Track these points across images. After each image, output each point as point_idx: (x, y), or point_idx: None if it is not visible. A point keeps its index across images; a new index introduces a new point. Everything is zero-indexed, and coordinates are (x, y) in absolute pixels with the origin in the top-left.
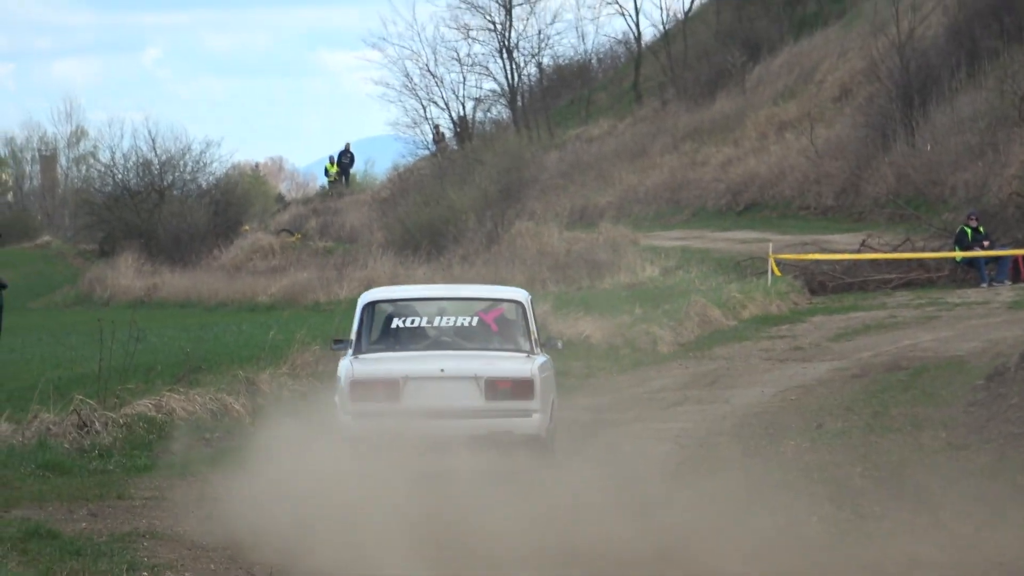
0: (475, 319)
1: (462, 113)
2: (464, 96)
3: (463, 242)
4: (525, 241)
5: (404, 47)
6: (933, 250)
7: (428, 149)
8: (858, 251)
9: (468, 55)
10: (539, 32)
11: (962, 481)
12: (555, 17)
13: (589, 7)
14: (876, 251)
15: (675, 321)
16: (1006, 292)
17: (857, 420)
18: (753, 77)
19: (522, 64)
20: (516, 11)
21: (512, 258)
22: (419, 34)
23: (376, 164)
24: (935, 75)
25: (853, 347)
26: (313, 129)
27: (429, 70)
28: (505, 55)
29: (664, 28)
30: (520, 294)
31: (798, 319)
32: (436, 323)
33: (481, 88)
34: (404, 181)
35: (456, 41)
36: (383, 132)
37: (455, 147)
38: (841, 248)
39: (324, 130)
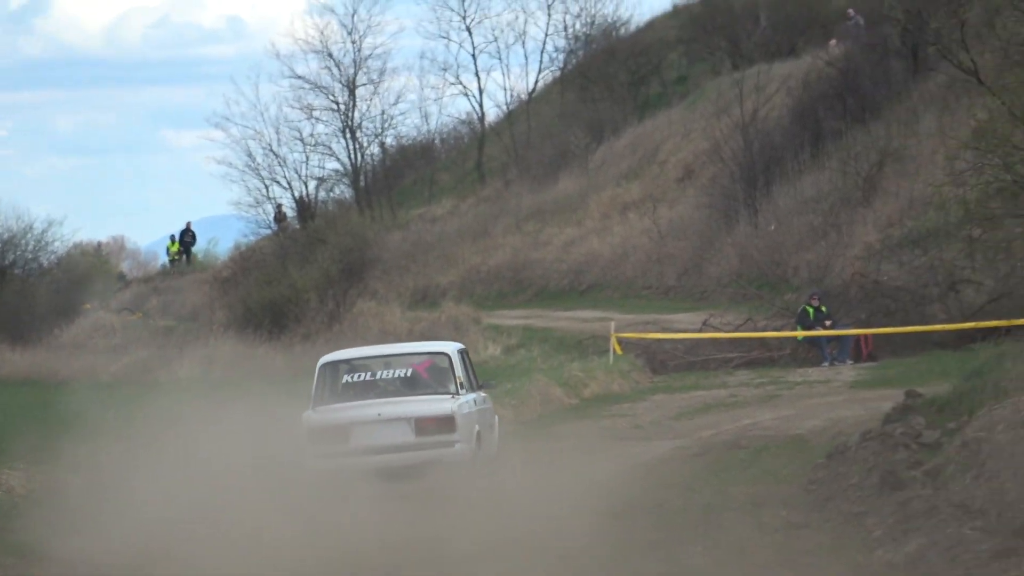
0: (410, 370)
1: (305, 193)
2: (307, 176)
3: (305, 321)
4: (367, 321)
5: (247, 127)
6: (775, 329)
7: (270, 228)
8: (700, 330)
9: (311, 135)
10: (382, 112)
11: (802, 560)
12: (398, 97)
13: (433, 87)
14: (718, 330)
15: (516, 400)
16: (847, 371)
17: (698, 499)
18: (596, 158)
19: (365, 144)
20: (359, 91)
21: (354, 338)
22: (262, 114)
23: (219, 243)
24: (778, 156)
25: (694, 426)
26: (156, 208)
27: (272, 150)
28: (348, 135)
29: (508, 108)
30: (448, 347)
31: (640, 398)
32: (379, 376)
33: (324, 168)
34: (246, 260)
35: (299, 121)
36: (226, 211)
37: (297, 226)
38: (683, 327)
39: (167, 209)
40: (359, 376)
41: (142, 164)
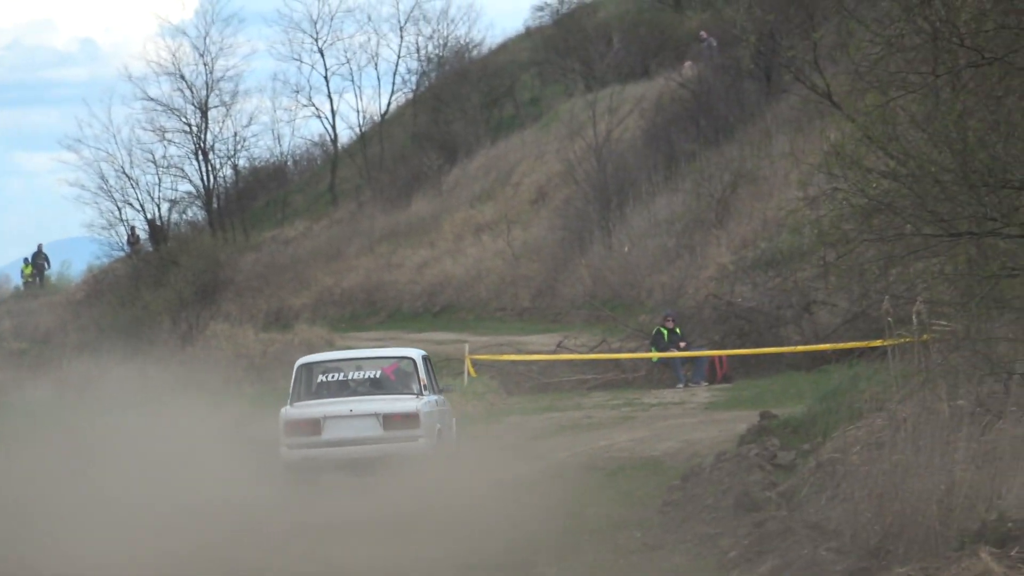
0: (379, 372)
1: (157, 215)
2: (159, 198)
3: (158, 343)
4: (221, 342)
5: (100, 149)
6: (629, 351)
7: (123, 251)
8: (555, 352)
9: (164, 157)
10: (235, 134)
11: None
12: (251, 119)
13: (285, 109)
14: (572, 352)
15: None
16: (702, 393)
17: (553, 521)
18: (450, 179)
19: (218, 166)
20: (212, 113)
21: (207, 359)
22: (115, 136)
23: (72, 265)
24: (632, 177)
25: (549, 447)
26: (8, 230)
27: (124, 172)
28: (201, 157)
29: (361, 130)
30: (413, 353)
31: (495, 420)
32: (352, 376)
33: (176, 190)
34: (99, 283)
35: (152, 143)
36: (79, 234)
37: (150, 249)
38: (538, 349)
39: (19, 231)
40: (332, 376)
41: None
